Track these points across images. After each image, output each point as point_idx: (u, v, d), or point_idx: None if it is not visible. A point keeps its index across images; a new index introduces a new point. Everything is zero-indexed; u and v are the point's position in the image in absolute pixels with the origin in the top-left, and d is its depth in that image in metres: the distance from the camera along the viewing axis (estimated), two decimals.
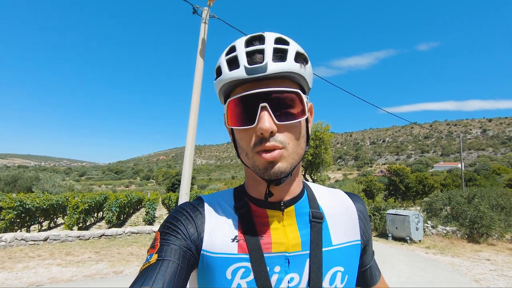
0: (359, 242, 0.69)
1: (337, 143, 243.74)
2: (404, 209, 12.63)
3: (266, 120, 0.53)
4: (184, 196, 6.98)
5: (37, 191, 23.37)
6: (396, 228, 9.94)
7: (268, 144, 0.54)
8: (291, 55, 0.56)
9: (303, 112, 0.58)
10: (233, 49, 0.59)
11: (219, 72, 0.60)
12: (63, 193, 19.44)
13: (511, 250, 8.60)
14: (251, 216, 0.64)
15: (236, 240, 0.61)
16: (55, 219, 13.00)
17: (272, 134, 0.54)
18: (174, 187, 43.49)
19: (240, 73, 0.55)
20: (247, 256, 0.59)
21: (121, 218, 14.40)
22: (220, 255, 0.59)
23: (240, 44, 0.58)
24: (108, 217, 11.55)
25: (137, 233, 9.44)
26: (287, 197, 0.65)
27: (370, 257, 0.76)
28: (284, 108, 0.56)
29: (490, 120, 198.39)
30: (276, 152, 0.55)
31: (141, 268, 0.56)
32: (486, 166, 70.53)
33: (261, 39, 0.58)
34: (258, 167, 0.57)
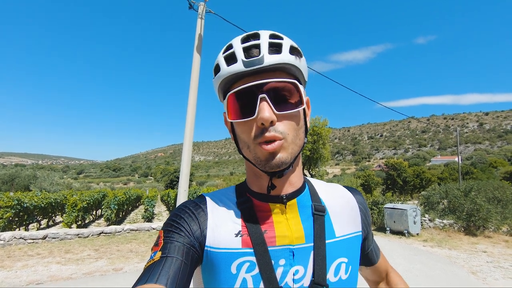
0: (360, 234, 0.71)
1: (335, 138, 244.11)
2: (402, 203, 12.70)
3: (266, 110, 0.55)
4: (182, 193, 6.96)
5: (35, 190, 23.28)
6: (394, 222, 10.01)
7: (268, 134, 0.56)
8: (285, 48, 0.59)
9: (300, 102, 0.60)
10: (230, 47, 0.61)
11: (217, 69, 0.61)
12: (61, 191, 19.36)
13: (507, 242, 8.70)
14: (253, 211, 0.65)
15: (239, 235, 0.61)
16: (53, 218, 12.95)
17: (272, 124, 0.56)
18: (173, 184, 43.46)
19: (238, 66, 0.57)
20: (252, 250, 0.60)
21: (120, 216, 14.39)
22: (224, 250, 0.60)
23: (236, 42, 0.61)
24: (107, 214, 11.54)
25: (136, 230, 9.45)
26: (289, 190, 0.66)
27: (371, 241, 0.80)
28: (282, 99, 0.58)
29: (486, 114, 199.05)
30: (276, 143, 0.56)
31: (145, 265, 0.56)
32: (483, 160, 71.05)
33: (256, 36, 0.60)
34: (260, 158, 0.58)
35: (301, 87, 0.60)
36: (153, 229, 9.72)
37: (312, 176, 25.13)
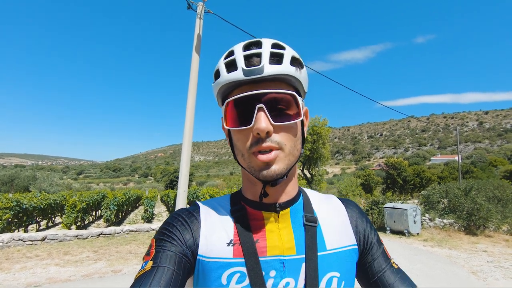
0: (355, 247, 0.67)
1: (335, 138, 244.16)
2: (402, 203, 12.67)
3: (263, 120, 0.54)
4: (182, 193, 6.93)
5: (35, 191, 23.25)
6: (394, 221, 9.99)
7: (264, 144, 0.55)
8: (287, 59, 0.58)
9: (298, 114, 0.60)
10: (231, 53, 0.62)
11: (217, 75, 0.62)
12: (61, 192, 19.35)
13: (507, 242, 8.69)
14: (247, 219, 0.64)
15: (231, 244, 0.61)
16: (53, 219, 12.94)
17: (268, 134, 0.56)
18: (173, 184, 43.48)
19: (237, 74, 0.57)
20: (243, 260, 0.59)
21: (120, 216, 14.38)
22: (216, 259, 0.59)
23: (238, 49, 0.61)
24: (106, 215, 11.52)
25: (135, 231, 9.43)
26: (283, 199, 0.65)
27: (382, 264, 0.67)
28: (280, 110, 0.58)
29: (486, 113, 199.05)
30: (272, 154, 0.56)
31: (136, 275, 0.56)
32: (483, 158, 71.10)
33: (258, 44, 0.60)
34: (254, 168, 0.58)
35: (299, 99, 0.60)
36: (153, 230, 9.69)
37: (312, 175, 25.11)
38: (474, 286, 5.15)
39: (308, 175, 25.18)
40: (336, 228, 0.68)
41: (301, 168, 24.64)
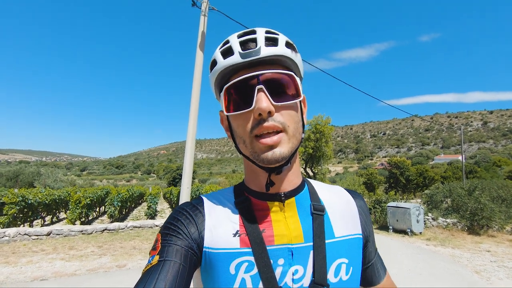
0: (361, 236, 0.69)
1: (338, 136, 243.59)
2: (405, 202, 12.65)
3: (264, 100, 0.54)
4: (185, 190, 6.97)
5: (39, 186, 23.49)
6: (397, 220, 9.98)
7: (266, 124, 0.55)
8: (281, 42, 0.59)
9: (298, 95, 0.60)
10: (226, 42, 0.62)
11: (214, 64, 0.62)
12: (65, 188, 19.50)
13: (511, 242, 8.65)
14: (252, 210, 0.64)
15: (238, 235, 0.61)
16: (57, 214, 13.07)
17: (270, 114, 0.55)
18: (175, 181, 43.58)
19: (235, 58, 0.57)
20: (250, 250, 0.59)
21: (123, 213, 14.48)
22: (223, 250, 0.59)
23: (233, 37, 0.61)
24: (110, 211, 11.62)
25: (139, 227, 9.51)
26: (288, 188, 0.65)
27: (373, 254, 0.75)
28: (279, 90, 0.57)
29: (491, 112, 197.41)
30: (276, 137, 0.55)
31: (143, 270, 0.56)
32: (487, 158, 70.61)
33: (252, 32, 0.61)
34: (257, 153, 0.57)
35: (297, 80, 0.60)
36: (156, 226, 9.77)
37: (314, 174, 25.09)
38: (477, 285, 5.14)
39: (311, 174, 25.15)
40: (344, 216, 0.69)
41: (304, 166, 24.62)
